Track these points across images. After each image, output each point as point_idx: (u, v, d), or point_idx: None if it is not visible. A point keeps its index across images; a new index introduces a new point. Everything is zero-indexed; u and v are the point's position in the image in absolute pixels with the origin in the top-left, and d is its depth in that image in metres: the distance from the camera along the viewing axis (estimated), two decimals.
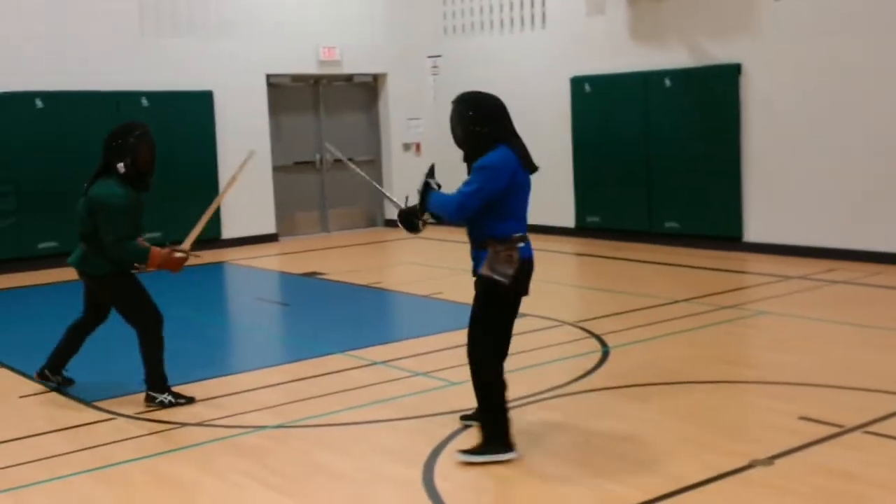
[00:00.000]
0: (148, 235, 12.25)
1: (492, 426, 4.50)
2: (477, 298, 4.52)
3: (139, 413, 5.46)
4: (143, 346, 5.62)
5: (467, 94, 4.65)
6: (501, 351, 4.62)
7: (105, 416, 5.46)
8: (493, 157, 4.42)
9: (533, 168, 4.55)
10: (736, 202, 10.63)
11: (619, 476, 4.29)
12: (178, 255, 5.61)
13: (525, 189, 4.52)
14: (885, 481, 4.10)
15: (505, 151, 4.44)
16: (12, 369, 6.62)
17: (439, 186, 4.68)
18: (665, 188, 11.31)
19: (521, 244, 4.46)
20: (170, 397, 5.59)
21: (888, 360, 6.08)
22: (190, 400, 5.63)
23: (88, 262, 5.65)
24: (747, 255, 10.40)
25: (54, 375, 6.00)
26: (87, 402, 5.72)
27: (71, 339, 5.99)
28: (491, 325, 4.52)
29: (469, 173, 4.48)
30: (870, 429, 4.72)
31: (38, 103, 11.15)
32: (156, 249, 5.54)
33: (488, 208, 4.42)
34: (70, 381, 6.05)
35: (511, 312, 4.59)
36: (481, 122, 4.49)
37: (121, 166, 5.52)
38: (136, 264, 5.57)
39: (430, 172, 4.72)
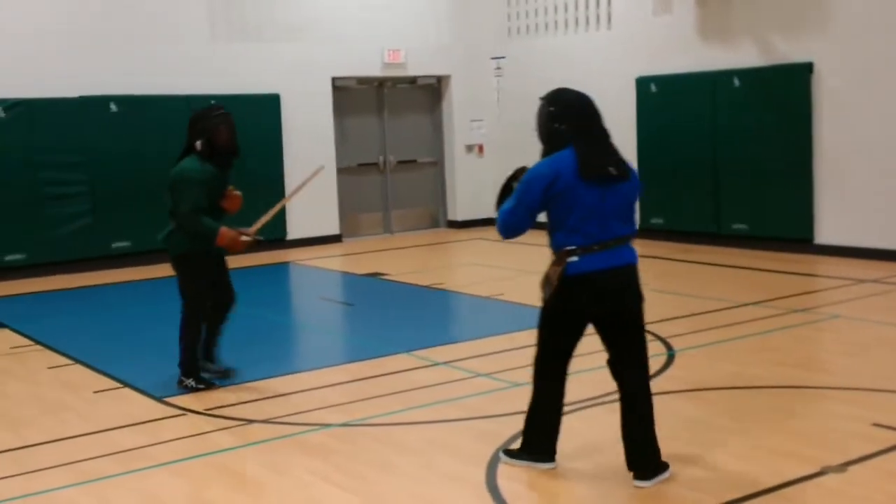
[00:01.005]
0: None
1: (531, 434, 4.41)
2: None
3: (209, 409, 5.56)
4: (182, 327, 5.92)
5: (554, 90, 4.36)
6: (561, 372, 4.35)
7: (176, 411, 5.57)
8: (539, 165, 4.17)
9: (591, 176, 4.08)
10: (807, 203, 10.40)
11: (689, 481, 4.23)
12: (244, 238, 5.84)
13: (579, 197, 4.08)
14: None
15: (557, 158, 4.13)
16: (87, 365, 6.80)
17: None
18: (733, 189, 11.12)
19: (573, 258, 4.09)
20: (192, 381, 5.89)
21: None
22: (211, 385, 5.91)
23: (171, 240, 5.98)
24: (818, 257, 10.17)
25: (213, 364, 6.20)
26: (159, 398, 5.85)
27: (206, 329, 6.16)
28: (546, 343, 4.31)
29: None
30: None
31: (113, 107, 11.43)
32: (224, 229, 5.81)
33: (551, 220, 4.19)
34: (229, 372, 6.16)
35: (569, 332, 4.26)
36: (559, 118, 4.19)
37: (198, 144, 5.85)
38: (210, 241, 5.80)
39: (515, 175, 4.35)
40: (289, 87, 12.64)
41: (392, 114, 14.03)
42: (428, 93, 14.34)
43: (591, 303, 4.15)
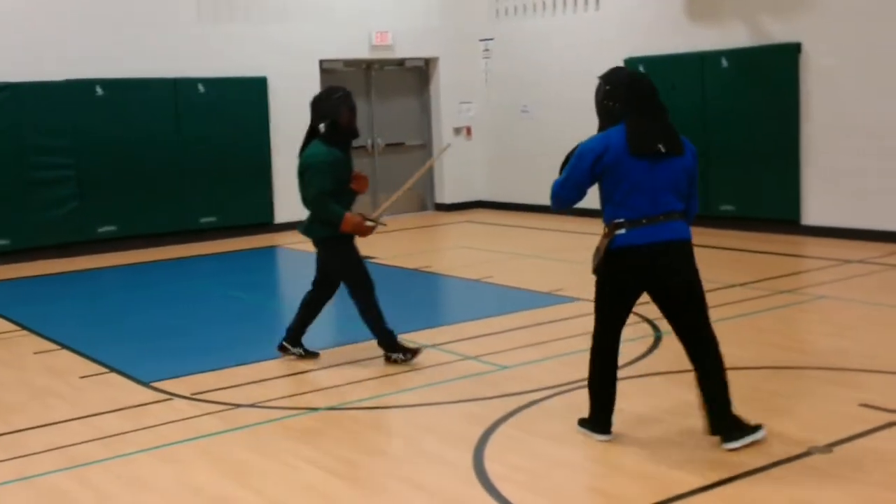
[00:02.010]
0: (204, 219, 12.58)
1: (593, 408, 4.54)
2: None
3: (195, 394, 5.55)
4: (359, 309, 5.95)
5: (610, 69, 4.48)
6: (613, 345, 4.46)
7: (162, 396, 5.56)
8: (589, 140, 4.29)
9: (639, 151, 4.17)
10: (794, 185, 10.42)
11: (675, 462, 4.24)
12: (369, 223, 5.87)
13: (627, 172, 4.17)
14: None
15: (610, 133, 4.24)
16: (73, 350, 6.76)
17: None
18: (721, 170, 11.12)
19: (621, 231, 4.18)
20: (399, 355, 5.91)
21: None
22: (417, 351, 5.94)
23: (311, 228, 5.98)
24: (805, 238, 10.20)
25: (294, 347, 6.22)
26: (145, 383, 5.83)
27: (305, 312, 6.18)
28: (599, 315, 4.43)
29: None
30: None
31: (98, 90, 11.34)
32: (349, 214, 5.81)
33: (602, 193, 4.29)
34: (314, 354, 6.21)
35: (617, 302, 4.36)
36: (612, 95, 4.31)
37: (321, 127, 5.86)
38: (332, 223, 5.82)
39: (574, 151, 4.40)
40: (276, 70, 12.56)
41: (380, 96, 13.97)
42: (416, 75, 14.27)
43: (637, 275, 4.25)
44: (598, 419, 4.52)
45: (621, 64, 12.06)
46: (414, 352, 5.98)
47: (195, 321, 7.69)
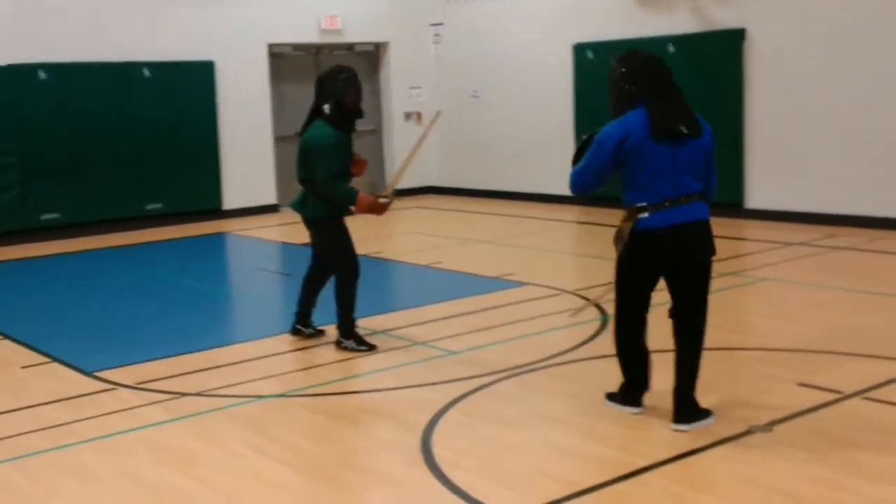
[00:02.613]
0: (150, 206, 12.39)
1: (624, 381, 4.65)
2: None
3: (139, 383, 5.48)
4: (336, 289, 5.89)
5: (625, 53, 4.46)
6: (637, 320, 4.55)
7: (106, 386, 5.48)
8: (609, 126, 4.30)
9: (662, 135, 4.21)
10: (737, 169, 10.58)
11: (618, 443, 4.30)
12: (383, 200, 5.83)
13: (651, 156, 4.21)
14: (883, 447, 4.10)
15: (629, 117, 4.25)
16: (15, 340, 6.64)
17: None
18: None
19: (644, 214, 4.23)
20: (352, 343, 5.88)
21: (887, 327, 6.07)
22: (371, 347, 5.88)
23: (305, 205, 5.91)
24: (748, 221, 10.37)
25: (306, 328, 6.18)
26: (88, 373, 5.75)
27: (307, 291, 6.16)
28: (621, 294, 4.50)
29: None
30: (869, 395, 4.73)
31: (41, 75, 11.10)
32: (363, 195, 5.76)
33: (624, 178, 4.30)
34: (321, 332, 6.20)
35: (640, 286, 4.43)
36: (630, 78, 4.32)
37: (326, 108, 5.80)
38: (348, 206, 5.80)
39: (590, 137, 4.43)
40: (223, 54, 12.40)
41: None
42: (366, 60, 14.19)
43: (661, 256, 4.31)
44: (630, 395, 4.62)
45: (569, 49, 12.13)
46: (369, 347, 5.92)
47: (141, 310, 7.59)
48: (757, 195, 10.52)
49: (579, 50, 12.07)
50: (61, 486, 4.15)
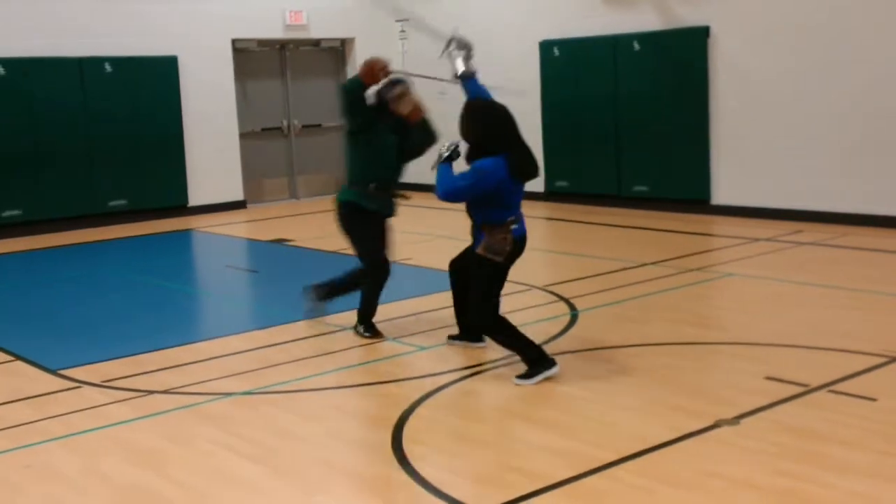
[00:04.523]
0: (113, 203, 12.25)
1: (527, 355, 5.15)
2: (475, 273, 5.25)
3: (105, 381, 5.41)
4: (364, 280, 6.11)
5: (483, 104, 5.43)
6: (498, 305, 5.31)
7: (71, 384, 5.40)
8: (488, 162, 5.07)
9: (523, 178, 5.21)
10: (704, 165, 10.67)
11: (587, 437, 4.32)
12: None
13: (517, 188, 5.23)
14: (849, 440, 4.15)
15: (500, 160, 5.07)
16: None
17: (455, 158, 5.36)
18: (634, 152, 11.32)
19: (515, 226, 5.20)
20: (362, 328, 6.10)
21: (852, 321, 6.15)
22: (378, 336, 6.03)
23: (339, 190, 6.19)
24: (715, 217, 10.47)
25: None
26: (52, 371, 5.66)
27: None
28: (490, 293, 5.23)
29: (468, 163, 5.16)
30: (834, 388, 4.78)
31: (0, 70, 10.92)
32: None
33: (484, 198, 5.13)
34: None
35: (504, 279, 5.32)
36: (493, 131, 5.19)
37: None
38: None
39: (452, 150, 5.37)
40: (187, 49, 12.28)
41: (295, 77, 13.79)
42: (332, 56, 14.13)
43: (518, 253, 5.30)
44: (542, 358, 5.13)
45: (535, 47, 12.15)
46: (377, 335, 6.08)
47: (106, 308, 7.50)
48: (723, 191, 10.62)
49: (546, 47, 12.09)
50: (25, 487, 4.08)
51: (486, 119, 5.25)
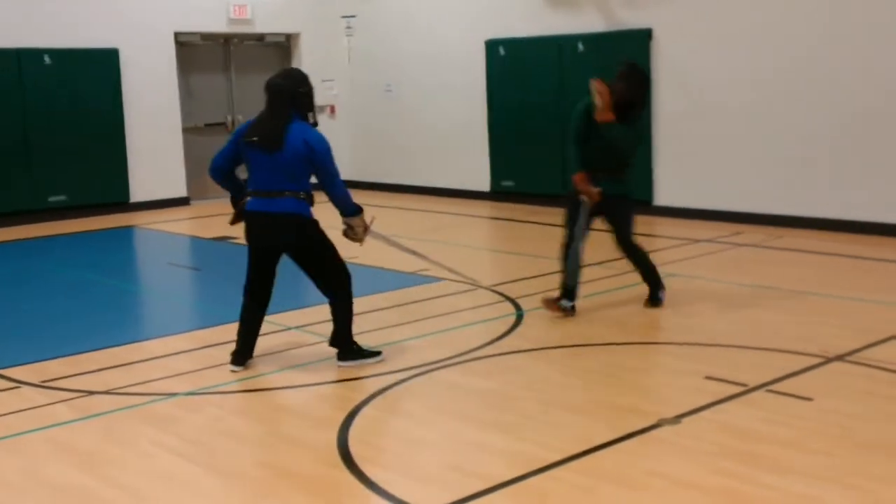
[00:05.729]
0: (53, 198, 11.99)
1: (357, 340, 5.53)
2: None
3: (45, 381, 5.31)
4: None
5: (291, 70, 5.91)
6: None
7: (9, 384, 5.29)
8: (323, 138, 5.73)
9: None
10: (646, 166, 10.82)
11: (530, 437, 4.36)
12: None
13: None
14: (787, 439, 4.25)
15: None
16: None
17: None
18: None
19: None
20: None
21: (789, 321, 6.30)
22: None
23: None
24: (656, 218, 10.62)
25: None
26: None
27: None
28: (341, 262, 5.79)
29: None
30: (772, 387, 4.90)
31: None
32: None
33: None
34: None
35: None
36: (306, 98, 5.87)
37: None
38: None
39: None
40: (128, 42, 12.07)
41: (240, 72, 13.64)
42: (277, 51, 14.01)
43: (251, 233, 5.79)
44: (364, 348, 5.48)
45: (481, 45, 12.20)
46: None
47: (45, 305, 7.34)
48: (665, 193, 10.78)
49: (491, 46, 12.15)
50: None
51: (298, 83, 5.85)
